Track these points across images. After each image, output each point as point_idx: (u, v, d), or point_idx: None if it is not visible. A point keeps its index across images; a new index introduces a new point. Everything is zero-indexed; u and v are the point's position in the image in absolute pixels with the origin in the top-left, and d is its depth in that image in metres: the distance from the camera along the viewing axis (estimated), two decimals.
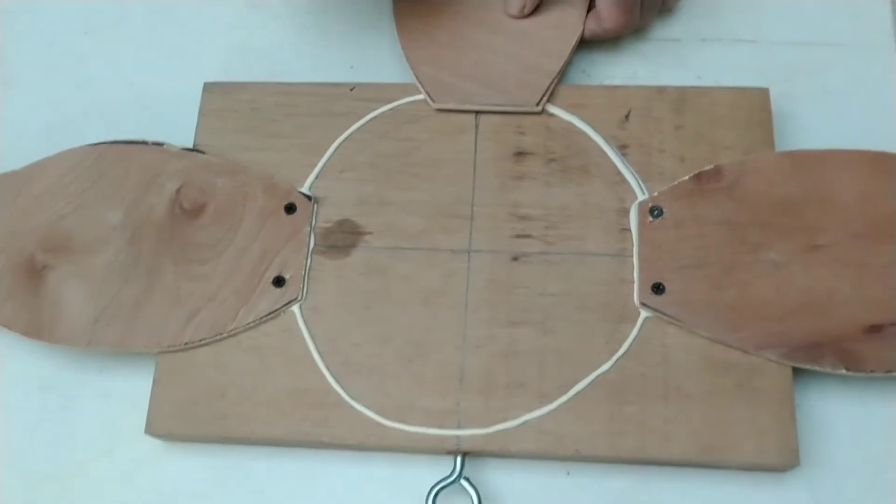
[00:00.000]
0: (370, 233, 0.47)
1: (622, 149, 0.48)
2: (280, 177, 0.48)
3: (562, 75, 0.50)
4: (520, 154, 0.48)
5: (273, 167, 0.48)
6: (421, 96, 0.50)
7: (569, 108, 0.49)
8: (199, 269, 0.47)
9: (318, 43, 0.55)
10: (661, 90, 0.49)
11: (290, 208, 0.47)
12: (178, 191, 0.48)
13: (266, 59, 0.54)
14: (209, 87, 0.51)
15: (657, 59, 0.52)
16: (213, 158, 0.49)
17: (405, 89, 0.50)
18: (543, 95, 0.49)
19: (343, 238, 0.47)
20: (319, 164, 0.49)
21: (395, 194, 0.48)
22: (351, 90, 0.50)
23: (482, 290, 0.45)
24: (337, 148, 0.49)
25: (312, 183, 0.48)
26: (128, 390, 0.47)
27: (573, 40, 0.50)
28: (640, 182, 0.47)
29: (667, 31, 0.53)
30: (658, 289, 0.44)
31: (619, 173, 0.47)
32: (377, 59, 0.54)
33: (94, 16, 0.57)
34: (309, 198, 0.48)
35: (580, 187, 0.47)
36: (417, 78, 0.50)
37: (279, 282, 0.46)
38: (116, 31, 0.57)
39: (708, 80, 0.51)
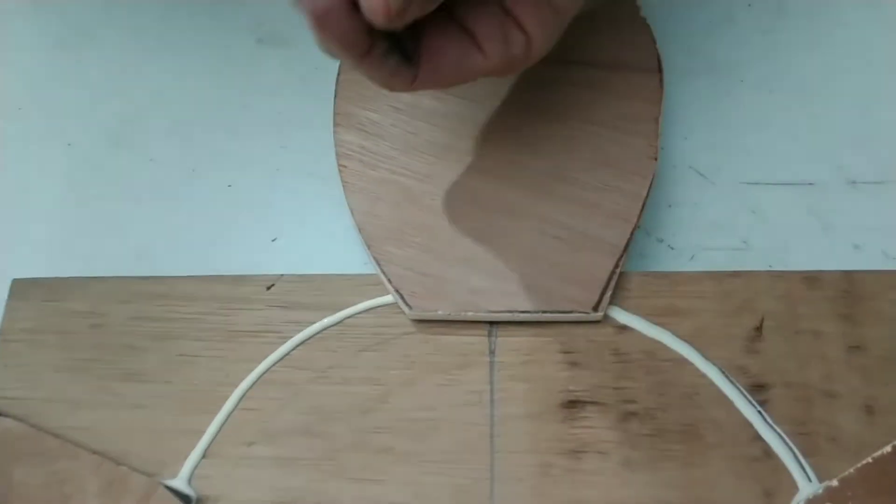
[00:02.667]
0: None
1: (758, 391, 0.27)
2: (135, 459, 0.28)
3: (628, 251, 0.29)
4: (573, 405, 0.27)
5: (123, 441, 0.28)
6: (389, 298, 0.28)
7: (650, 315, 0.28)
8: None
9: (218, 191, 0.33)
10: (810, 278, 0.29)
11: None
12: None
13: (124, 230, 0.33)
14: (19, 288, 0.30)
15: (780, 216, 0.32)
16: (13, 426, 0.28)
17: (361, 286, 0.29)
18: (604, 292, 0.28)
19: None
20: (207, 434, 0.28)
21: (349, 488, 0.26)
22: (268, 289, 0.29)
23: None
24: (240, 400, 0.27)
25: (194, 469, 0.27)
26: None
27: (644, 189, 0.29)
28: (801, 458, 0.26)
29: (791, 169, 0.32)
30: None
31: (759, 439, 0.26)
32: (316, 223, 0.32)
33: None
34: (188, 500, 0.26)
35: (691, 469, 0.26)
36: (381, 268, 0.29)
37: None
38: None
39: (872, 252, 0.31)
